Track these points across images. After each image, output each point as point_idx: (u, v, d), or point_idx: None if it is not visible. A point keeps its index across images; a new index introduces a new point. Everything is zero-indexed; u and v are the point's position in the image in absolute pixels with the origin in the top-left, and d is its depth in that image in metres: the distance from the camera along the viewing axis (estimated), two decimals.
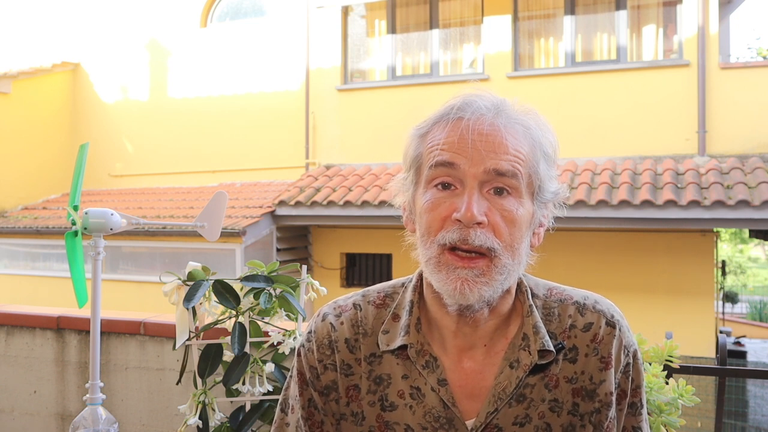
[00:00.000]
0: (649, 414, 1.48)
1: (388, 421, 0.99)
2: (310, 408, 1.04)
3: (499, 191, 0.91)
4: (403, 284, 1.07)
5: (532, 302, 0.99)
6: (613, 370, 0.97)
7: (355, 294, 1.09)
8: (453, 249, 0.91)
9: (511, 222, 0.91)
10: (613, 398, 0.97)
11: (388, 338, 1.01)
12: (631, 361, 0.99)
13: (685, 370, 1.69)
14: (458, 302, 0.92)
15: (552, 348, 0.95)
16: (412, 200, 0.99)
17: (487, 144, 0.91)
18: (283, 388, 1.10)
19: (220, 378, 1.74)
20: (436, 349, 0.99)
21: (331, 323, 1.04)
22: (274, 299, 1.73)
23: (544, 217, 0.99)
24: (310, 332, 1.06)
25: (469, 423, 0.95)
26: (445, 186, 0.92)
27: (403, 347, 0.99)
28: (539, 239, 0.99)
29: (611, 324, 0.98)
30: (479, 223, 0.89)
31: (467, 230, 0.89)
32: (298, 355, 1.06)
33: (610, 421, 0.97)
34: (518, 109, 0.97)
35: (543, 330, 0.96)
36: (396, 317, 1.02)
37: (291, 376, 1.08)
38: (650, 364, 1.54)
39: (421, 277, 1.03)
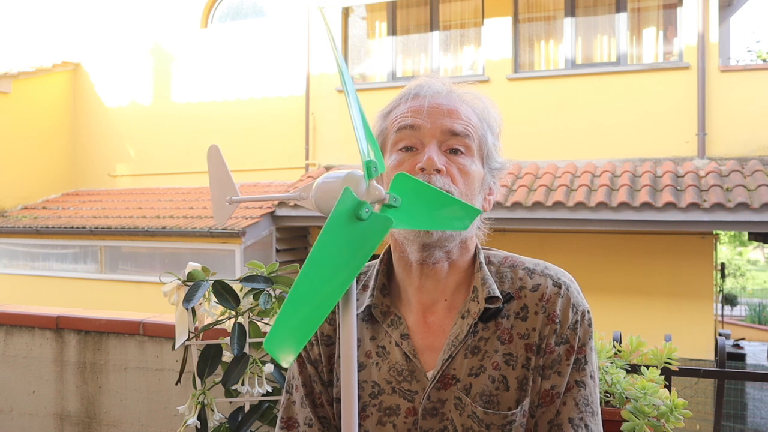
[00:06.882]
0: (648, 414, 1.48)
1: (358, 381, 1.05)
2: (312, 383, 1.12)
3: (454, 151, 1.03)
4: (375, 262, 1.16)
5: (482, 260, 1.08)
6: (559, 326, 1.03)
7: None
8: None
9: (466, 174, 1.02)
10: (560, 352, 1.03)
11: (357, 305, 1.09)
12: (579, 319, 1.05)
13: (684, 372, 1.69)
14: (423, 240, 1.00)
15: (498, 294, 1.03)
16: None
17: (443, 111, 1.04)
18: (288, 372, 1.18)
19: (219, 378, 1.74)
20: (402, 309, 1.09)
21: None
22: (273, 300, 1.73)
23: (493, 185, 1.10)
24: None
25: (430, 374, 1.03)
26: (408, 149, 1.03)
27: (369, 310, 1.09)
28: (490, 205, 1.10)
29: (557, 284, 1.06)
30: (438, 171, 0.99)
31: (429, 177, 0.98)
32: None
33: (556, 374, 1.03)
34: (468, 90, 1.10)
35: (490, 280, 1.05)
36: (365, 287, 1.13)
37: None
38: (647, 368, 1.54)
39: (388, 250, 1.13)
